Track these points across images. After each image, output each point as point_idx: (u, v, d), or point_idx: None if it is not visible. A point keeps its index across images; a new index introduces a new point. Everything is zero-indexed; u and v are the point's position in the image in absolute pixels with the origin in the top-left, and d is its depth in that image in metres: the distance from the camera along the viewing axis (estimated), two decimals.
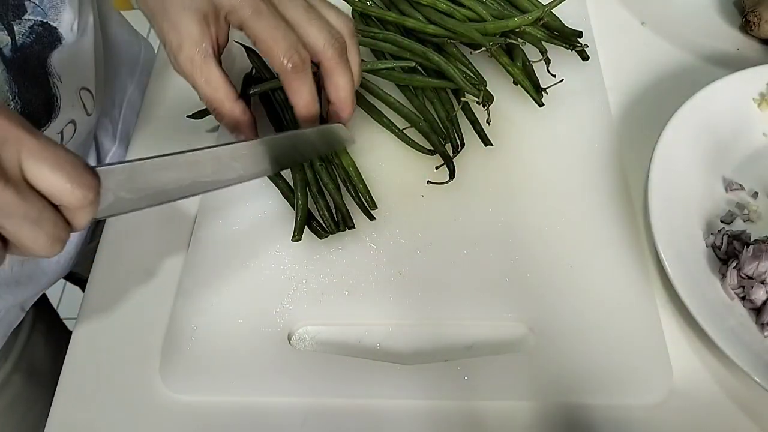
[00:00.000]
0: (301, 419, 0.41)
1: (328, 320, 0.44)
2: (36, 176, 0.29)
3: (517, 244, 0.47)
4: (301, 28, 0.40)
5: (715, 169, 0.50)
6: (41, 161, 0.29)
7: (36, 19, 0.43)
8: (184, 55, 0.40)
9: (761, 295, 0.42)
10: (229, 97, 0.41)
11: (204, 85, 0.41)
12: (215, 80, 0.41)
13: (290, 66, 0.39)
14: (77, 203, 0.30)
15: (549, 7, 0.50)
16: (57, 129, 0.49)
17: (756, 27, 0.58)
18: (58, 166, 0.29)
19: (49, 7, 0.45)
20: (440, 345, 0.44)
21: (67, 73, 0.48)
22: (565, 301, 0.44)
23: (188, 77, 0.41)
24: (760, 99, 0.52)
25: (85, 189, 0.30)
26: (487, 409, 0.41)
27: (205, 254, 0.47)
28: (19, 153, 0.28)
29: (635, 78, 0.57)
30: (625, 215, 0.48)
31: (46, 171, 0.29)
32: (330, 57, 0.41)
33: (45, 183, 0.29)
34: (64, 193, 0.29)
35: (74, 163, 0.30)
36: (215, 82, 0.41)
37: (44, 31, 0.44)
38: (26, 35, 0.43)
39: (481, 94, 0.48)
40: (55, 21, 0.45)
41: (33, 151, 0.28)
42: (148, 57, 0.70)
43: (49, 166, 0.29)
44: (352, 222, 0.46)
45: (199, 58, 0.40)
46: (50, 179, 0.29)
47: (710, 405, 0.41)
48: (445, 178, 0.48)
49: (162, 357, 0.43)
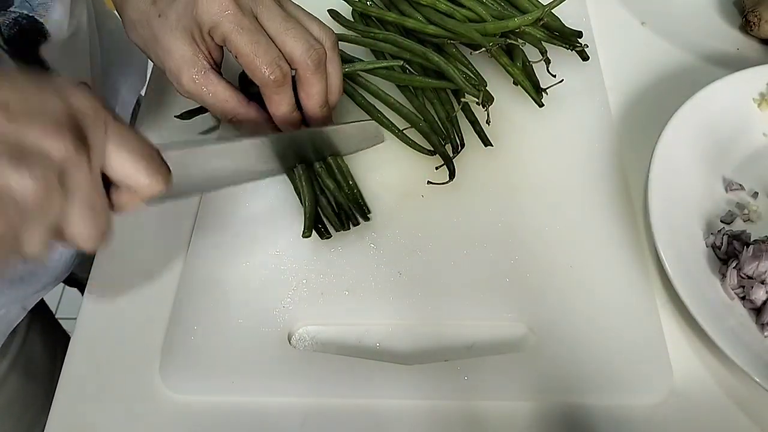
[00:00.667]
0: (301, 419, 0.41)
1: (328, 320, 0.44)
2: (116, 161, 0.29)
3: (517, 244, 0.47)
4: (279, 38, 0.40)
5: (715, 169, 0.50)
6: (123, 147, 0.29)
7: (21, 12, 0.43)
8: (186, 78, 0.40)
9: (761, 295, 0.42)
10: (241, 103, 0.42)
11: (212, 99, 0.41)
12: (221, 92, 0.41)
13: (272, 79, 0.40)
14: (149, 192, 0.31)
15: (549, 7, 0.50)
16: None
17: (756, 27, 0.58)
18: (140, 154, 0.30)
19: (38, 3, 0.44)
20: (440, 345, 0.44)
21: (64, 69, 0.48)
22: (565, 301, 0.44)
23: (195, 97, 0.41)
24: (760, 99, 0.52)
25: (160, 180, 0.31)
26: (487, 409, 0.41)
27: (205, 254, 0.47)
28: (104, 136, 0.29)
29: (635, 78, 0.57)
30: (625, 215, 0.48)
31: (127, 158, 0.29)
32: (305, 67, 0.41)
33: (123, 169, 0.29)
34: (139, 180, 0.30)
35: (152, 153, 0.30)
36: (222, 93, 0.41)
37: (28, 24, 0.44)
38: (10, 27, 0.42)
39: (480, 95, 0.48)
40: (42, 17, 0.45)
41: (117, 136, 0.29)
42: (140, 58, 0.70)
43: (129, 153, 0.29)
44: (356, 220, 0.47)
45: (199, 76, 0.40)
46: (130, 166, 0.29)
47: (710, 405, 0.41)
48: (445, 178, 0.48)
49: (162, 357, 0.43)
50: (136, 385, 0.43)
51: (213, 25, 0.39)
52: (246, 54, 0.39)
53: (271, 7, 0.41)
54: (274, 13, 0.41)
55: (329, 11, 0.60)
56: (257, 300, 0.45)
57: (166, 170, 0.31)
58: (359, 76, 0.53)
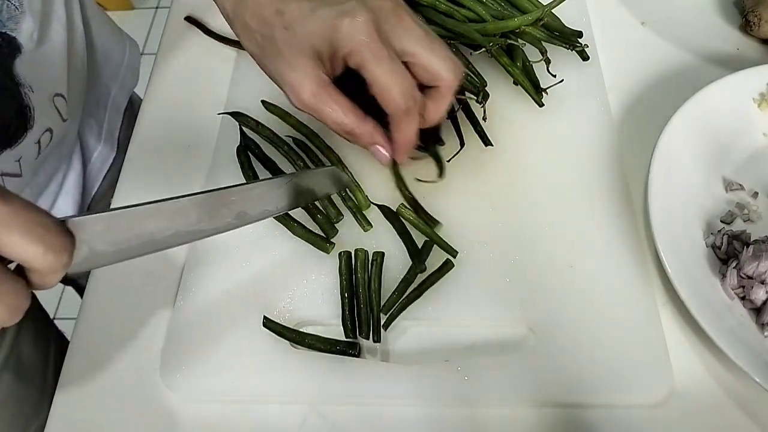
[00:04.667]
0: (301, 420, 0.41)
1: (328, 320, 0.44)
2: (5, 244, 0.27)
3: (517, 244, 0.47)
4: (422, 56, 0.40)
5: (715, 169, 0.50)
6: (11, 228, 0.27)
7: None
8: (308, 92, 0.39)
9: (761, 295, 0.42)
10: (360, 117, 0.41)
11: (333, 114, 0.40)
12: (342, 106, 0.40)
13: (404, 109, 0.40)
14: (49, 268, 0.28)
15: (549, 7, 0.50)
16: (34, 139, 0.49)
17: (756, 27, 0.58)
18: (28, 231, 0.27)
19: (8, 18, 0.44)
20: (440, 345, 0.44)
21: (37, 82, 0.48)
22: (566, 301, 0.44)
23: (315, 111, 0.40)
24: (760, 99, 0.52)
25: (58, 253, 0.28)
26: (487, 410, 0.41)
27: (206, 254, 0.47)
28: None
29: (635, 78, 0.57)
30: (625, 215, 0.48)
31: (16, 238, 0.27)
32: (451, 84, 0.41)
33: (15, 250, 0.27)
34: (36, 259, 0.27)
35: (46, 226, 0.28)
36: (343, 108, 0.40)
37: (2, 41, 0.44)
38: None
39: (479, 93, 0.48)
40: (14, 31, 0.45)
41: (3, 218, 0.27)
42: (132, 57, 0.70)
43: (19, 232, 0.27)
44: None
45: (321, 91, 0.39)
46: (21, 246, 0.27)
47: (710, 405, 0.41)
48: (434, 177, 0.48)
49: (162, 357, 0.43)
50: (136, 385, 0.43)
51: (351, 52, 0.38)
52: (382, 84, 0.39)
53: (411, 27, 0.40)
54: (416, 33, 0.40)
55: None
56: (257, 300, 0.45)
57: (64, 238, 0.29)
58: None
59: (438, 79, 0.41)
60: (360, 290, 0.44)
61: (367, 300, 0.44)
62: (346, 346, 0.43)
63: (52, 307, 1.40)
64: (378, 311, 0.44)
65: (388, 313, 0.43)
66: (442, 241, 0.46)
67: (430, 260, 0.45)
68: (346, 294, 0.44)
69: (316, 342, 0.43)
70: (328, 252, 0.46)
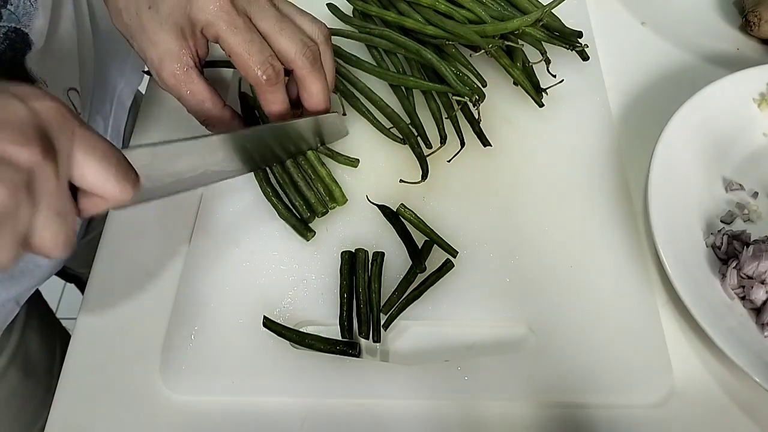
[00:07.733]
0: (301, 419, 0.41)
1: (328, 320, 0.44)
2: (84, 169, 0.29)
3: (516, 244, 0.47)
4: (272, 38, 0.41)
5: (715, 169, 0.50)
6: (91, 155, 0.29)
7: (10, 26, 0.43)
8: (167, 71, 0.40)
9: (761, 295, 0.42)
10: (217, 105, 0.42)
11: (189, 97, 0.41)
12: (200, 92, 0.41)
13: (264, 79, 0.40)
14: (118, 197, 0.30)
15: (549, 7, 0.49)
16: None
17: (756, 27, 0.58)
18: (108, 161, 0.29)
19: (23, 13, 0.45)
20: (440, 345, 0.44)
21: (51, 76, 0.48)
22: (565, 301, 0.44)
23: (173, 91, 0.41)
24: (760, 99, 0.52)
25: (128, 186, 0.30)
26: (487, 409, 0.41)
27: (206, 254, 0.47)
28: (72, 143, 0.28)
29: (635, 78, 0.57)
30: (625, 215, 0.48)
31: (95, 166, 0.29)
32: (302, 66, 0.42)
33: (92, 177, 0.29)
34: (107, 188, 0.30)
35: (120, 160, 0.30)
36: (200, 93, 0.41)
37: (17, 37, 0.44)
38: (1, 42, 0.43)
39: (472, 95, 0.48)
40: (27, 27, 0.45)
41: (84, 143, 0.29)
42: None
43: (97, 160, 0.29)
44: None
45: (181, 72, 0.40)
46: (98, 174, 0.29)
47: (710, 405, 0.41)
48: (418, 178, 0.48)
49: (162, 357, 0.43)
50: (136, 385, 0.43)
51: (207, 23, 0.39)
52: (239, 53, 0.40)
53: (264, 6, 0.41)
54: (268, 12, 0.41)
55: (328, 5, 0.60)
56: (257, 300, 0.45)
57: (134, 176, 0.31)
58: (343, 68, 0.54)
59: (288, 61, 0.42)
60: (360, 290, 0.44)
61: (367, 300, 0.44)
62: (346, 346, 0.43)
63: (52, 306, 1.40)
64: (378, 311, 0.44)
65: (388, 313, 0.43)
66: (442, 241, 0.46)
67: (430, 260, 0.45)
68: (345, 294, 0.44)
69: (316, 342, 0.43)
70: (307, 239, 0.47)
